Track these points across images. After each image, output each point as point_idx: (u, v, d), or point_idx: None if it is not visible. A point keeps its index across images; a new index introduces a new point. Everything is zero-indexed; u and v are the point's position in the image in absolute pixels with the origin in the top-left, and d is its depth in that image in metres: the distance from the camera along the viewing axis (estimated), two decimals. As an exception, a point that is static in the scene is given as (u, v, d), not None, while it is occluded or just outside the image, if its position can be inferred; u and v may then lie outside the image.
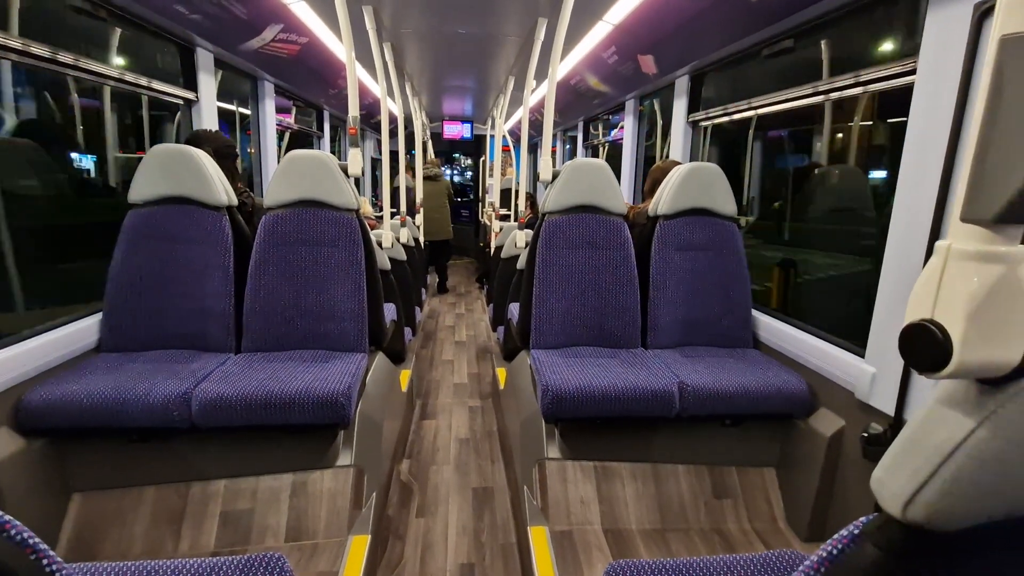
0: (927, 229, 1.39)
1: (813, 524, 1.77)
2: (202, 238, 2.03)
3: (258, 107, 3.85)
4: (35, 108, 2.33)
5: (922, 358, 0.47)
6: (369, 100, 5.66)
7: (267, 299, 2.06)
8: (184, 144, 2.12)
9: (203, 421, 1.64)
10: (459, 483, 2.42)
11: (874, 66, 1.81)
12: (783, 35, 2.32)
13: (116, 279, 1.96)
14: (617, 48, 3.38)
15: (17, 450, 1.53)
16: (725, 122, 3.00)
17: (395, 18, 3.35)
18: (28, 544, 0.53)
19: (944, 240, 0.48)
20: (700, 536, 1.79)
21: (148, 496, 1.72)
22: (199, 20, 2.48)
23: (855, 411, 1.66)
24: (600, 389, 1.77)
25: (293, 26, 3.12)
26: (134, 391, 1.61)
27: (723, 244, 2.25)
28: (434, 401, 3.33)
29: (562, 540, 1.72)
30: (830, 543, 0.55)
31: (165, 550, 1.65)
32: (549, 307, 2.22)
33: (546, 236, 2.25)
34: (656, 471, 1.92)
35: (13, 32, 1.81)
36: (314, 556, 1.61)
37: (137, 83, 2.43)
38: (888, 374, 1.52)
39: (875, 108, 2.36)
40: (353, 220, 2.15)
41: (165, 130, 3.04)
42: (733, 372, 1.89)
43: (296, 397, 1.66)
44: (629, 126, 4.45)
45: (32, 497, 1.57)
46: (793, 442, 1.88)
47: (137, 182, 2.01)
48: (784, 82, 2.36)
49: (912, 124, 1.47)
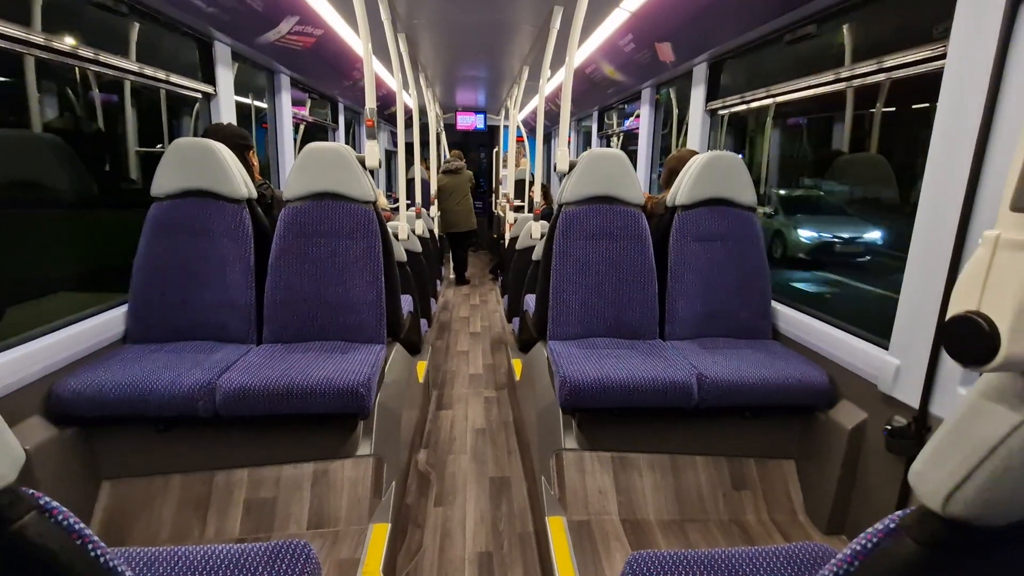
0: (956, 219, 1.35)
1: (834, 517, 1.75)
2: (223, 231, 2.05)
3: (274, 100, 3.87)
4: (57, 104, 2.36)
5: (968, 350, 0.46)
6: (383, 92, 5.66)
7: (287, 291, 2.09)
8: (203, 137, 2.14)
9: (227, 410, 1.67)
10: (476, 472, 2.44)
11: (901, 51, 1.77)
12: (806, 20, 2.27)
13: (140, 271, 1.99)
14: (634, 36, 3.34)
15: (49, 438, 1.58)
16: (743, 110, 2.95)
17: (410, 8, 3.34)
18: (74, 529, 0.54)
19: (992, 230, 0.47)
20: (719, 527, 1.79)
21: (174, 484, 1.77)
22: (217, 13, 2.50)
23: (878, 403, 1.64)
24: (618, 380, 1.76)
25: (309, 18, 3.12)
26: (160, 381, 1.64)
27: (742, 234, 2.22)
28: (450, 391, 3.35)
29: (580, 530, 1.73)
30: (864, 537, 0.54)
31: (192, 536, 1.69)
32: (566, 298, 2.21)
33: (563, 227, 2.24)
34: (674, 462, 1.91)
35: (36, 28, 1.83)
36: (336, 543, 1.64)
37: (156, 77, 2.46)
38: (913, 366, 1.50)
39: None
40: (371, 212, 2.16)
41: (183, 124, 3.07)
42: (752, 363, 1.87)
43: (317, 387, 1.68)
44: (645, 115, 4.40)
45: (64, 484, 1.61)
46: (813, 434, 1.86)
47: (159, 175, 2.04)
48: (806, 69, 2.31)
49: (941, 111, 1.43)
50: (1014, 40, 1.23)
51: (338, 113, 5.57)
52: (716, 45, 2.83)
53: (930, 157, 1.46)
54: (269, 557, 0.99)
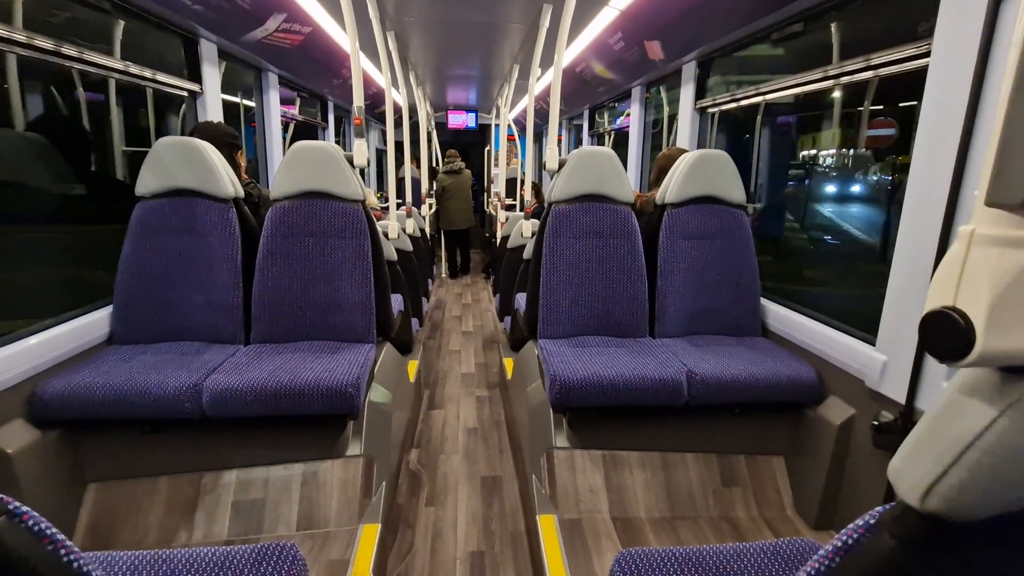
0: (941, 215, 1.37)
1: (822, 512, 1.77)
2: (209, 230, 2.03)
3: (262, 98, 3.84)
4: (42, 104, 2.32)
5: (944, 346, 0.46)
6: (373, 90, 5.63)
7: (275, 291, 2.07)
8: (189, 135, 2.11)
9: (214, 412, 1.66)
10: (468, 472, 2.43)
11: (886, 49, 1.78)
12: (793, 19, 2.28)
13: (125, 271, 1.97)
14: (623, 34, 3.34)
15: (32, 441, 1.55)
16: (733, 108, 2.96)
17: (398, 6, 3.32)
18: (45, 534, 0.53)
19: (967, 225, 0.47)
20: (709, 524, 1.80)
21: (162, 486, 1.75)
22: (202, 11, 2.47)
23: (865, 399, 1.65)
24: (608, 378, 1.77)
25: (296, 15, 3.10)
26: (146, 382, 1.62)
27: (731, 232, 2.23)
28: (441, 391, 3.34)
29: (571, 528, 1.73)
30: (845, 532, 0.54)
31: (179, 539, 1.67)
32: (556, 297, 2.21)
33: (553, 225, 2.24)
34: (665, 460, 1.92)
35: (17, 25, 1.80)
36: (326, 544, 1.63)
37: (142, 75, 2.43)
38: (899, 362, 1.51)
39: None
40: (359, 211, 2.15)
41: (170, 123, 3.04)
42: (742, 360, 1.88)
43: (305, 388, 1.67)
44: (635, 114, 4.41)
45: (48, 488, 1.59)
46: (802, 430, 1.88)
47: (144, 174, 2.01)
48: (794, 67, 2.32)
49: (926, 108, 1.44)
50: (996, 38, 1.25)
51: (328, 112, 5.54)
52: (705, 44, 2.84)
53: (915, 154, 1.47)
54: (255, 559, 0.98)
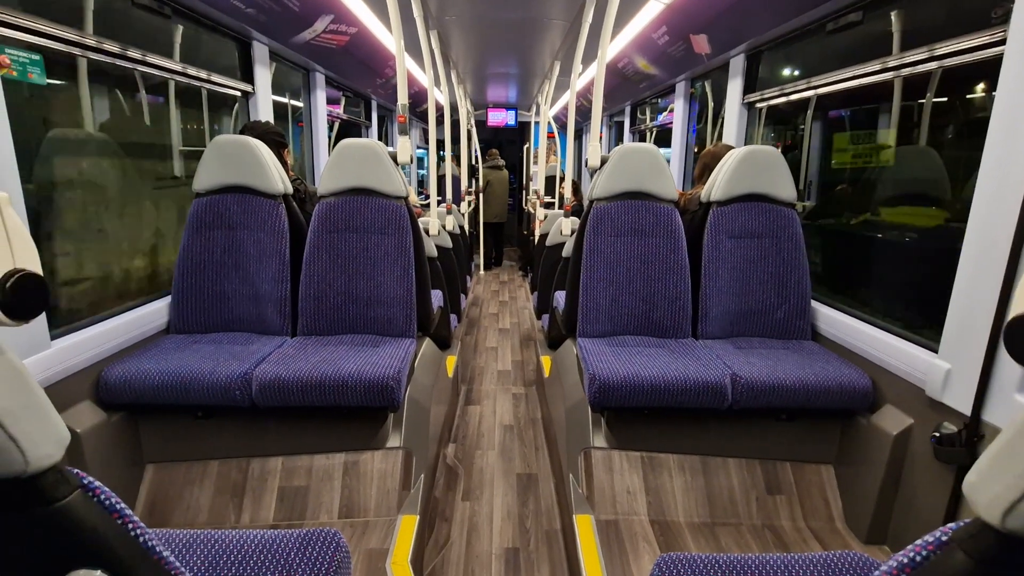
0: (1015, 216, 1.27)
1: (875, 526, 1.68)
2: (260, 225, 2.11)
3: (310, 97, 3.96)
4: (107, 106, 2.46)
5: None
6: (415, 88, 5.71)
7: (320, 285, 2.13)
8: (240, 134, 2.20)
9: (262, 401, 1.72)
10: (504, 468, 2.44)
11: (955, 38, 1.67)
12: (849, 8, 2.17)
13: (183, 264, 2.06)
14: (668, 28, 3.27)
15: (98, 422, 1.65)
16: (782, 103, 2.85)
17: (441, 5, 3.35)
18: (115, 509, 0.56)
19: None
20: (751, 532, 1.74)
21: (212, 470, 1.83)
22: (255, 14, 2.56)
23: (924, 409, 1.56)
24: (649, 379, 1.74)
25: (343, 16, 3.17)
26: (200, 371, 1.70)
27: (780, 231, 2.15)
28: (478, 387, 3.36)
29: (608, 529, 1.71)
30: (912, 549, 0.51)
31: (228, 520, 1.75)
32: (596, 295, 2.19)
33: (594, 223, 2.21)
34: (705, 464, 1.87)
35: (88, 30, 1.91)
36: (366, 533, 1.67)
37: (198, 76, 2.54)
38: (965, 371, 1.42)
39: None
40: (402, 208, 2.18)
41: (223, 125, 3.16)
42: (789, 364, 1.81)
43: (348, 380, 1.71)
44: (679, 109, 4.30)
45: (112, 467, 1.69)
46: (854, 439, 1.79)
47: (200, 172, 2.10)
48: (849, 60, 2.21)
49: (1000, 100, 1.35)
50: None
51: (371, 111, 5.66)
52: (754, 36, 2.75)
53: (987, 149, 1.38)
54: (301, 544, 1.02)
